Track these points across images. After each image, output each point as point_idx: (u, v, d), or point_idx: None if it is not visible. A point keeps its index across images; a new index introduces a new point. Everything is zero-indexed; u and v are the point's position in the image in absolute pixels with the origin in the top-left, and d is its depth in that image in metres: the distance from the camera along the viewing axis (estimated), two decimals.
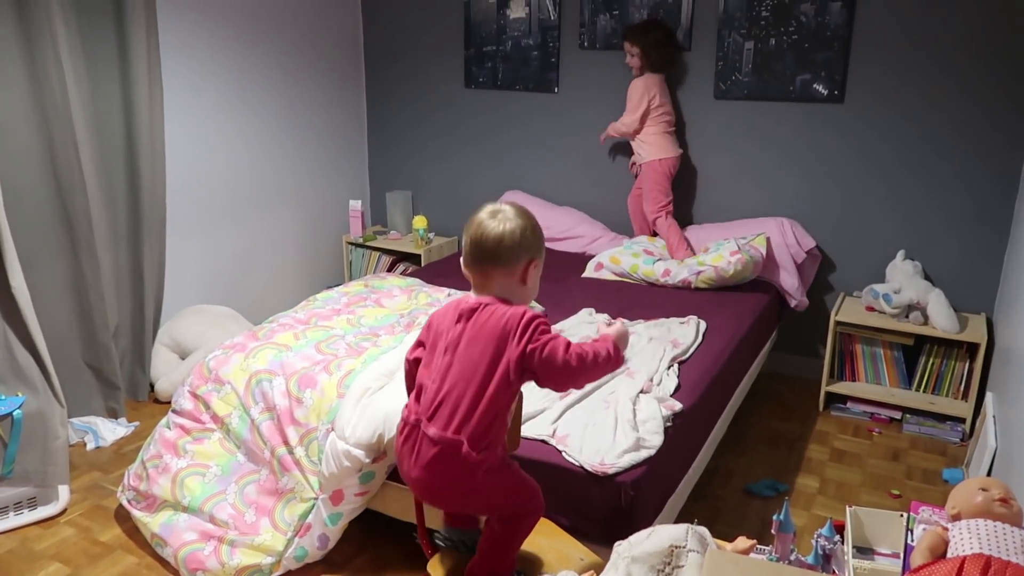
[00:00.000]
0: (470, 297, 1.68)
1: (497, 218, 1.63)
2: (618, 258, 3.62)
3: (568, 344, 1.58)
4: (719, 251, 3.45)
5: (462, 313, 1.64)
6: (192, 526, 2.40)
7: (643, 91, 3.65)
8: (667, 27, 3.72)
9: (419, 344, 1.75)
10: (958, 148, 3.36)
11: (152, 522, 2.45)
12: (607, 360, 1.61)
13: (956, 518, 1.47)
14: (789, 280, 3.58)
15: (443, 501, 1.74)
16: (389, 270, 4.45)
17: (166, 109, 3.48)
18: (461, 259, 1.69)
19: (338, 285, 3.48)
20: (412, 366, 1.77)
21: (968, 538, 1.39)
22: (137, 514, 2.50)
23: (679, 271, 3.47)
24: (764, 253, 3.47)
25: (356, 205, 4.54)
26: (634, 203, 3.91)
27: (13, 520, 2.60)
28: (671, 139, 3.72)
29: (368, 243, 4.52)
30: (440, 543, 1.84)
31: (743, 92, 3.70)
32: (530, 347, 1.56)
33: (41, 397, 2.68)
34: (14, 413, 2.56)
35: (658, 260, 3.58)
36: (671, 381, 2.50)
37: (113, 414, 3.30)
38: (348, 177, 4.76)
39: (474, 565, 1.75)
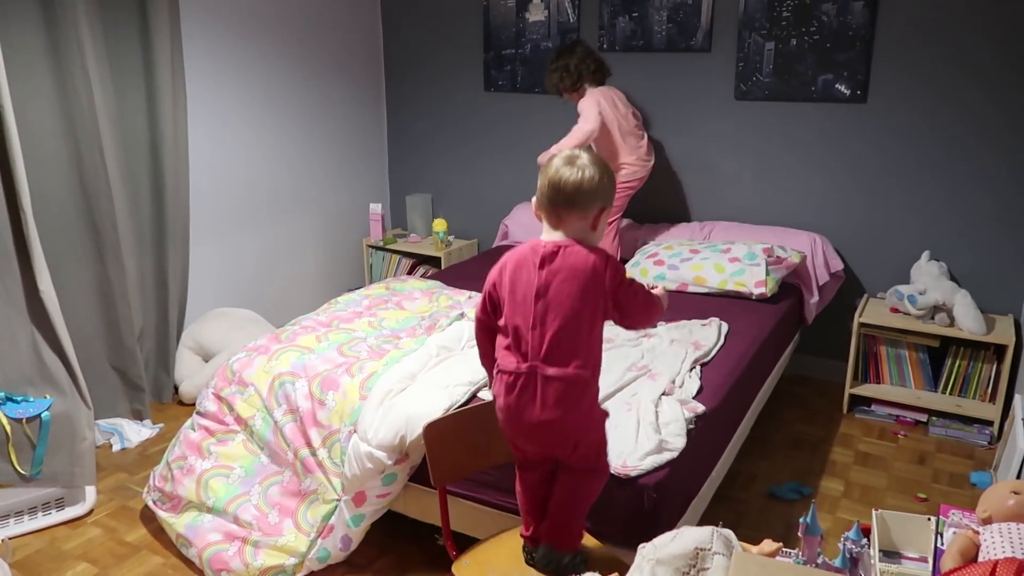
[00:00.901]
0: (543, 242, 1.71)
1: (575, 165, 1.68)
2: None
3: (647, 293, 1.74)
4: (743, 274, 3.30)
5: (544, 258, 1.68)
6: (216, 527, 2.42)
7: (592, 101, 3.52)
8: (580, 46, 3.64)
9: (488, 299, 1.77)
10: (982, 148, 3.32)
11: (177, 523, 2.48)
12: (659, 310, 1.77)
13: (987, 521, 1.45)
14: (809, 294, 3.54)
15: (559, 441, 1.74)
16: (409, 273, 4.47)
17: (190, 117, 3.52)
18: (534, 200, 1.74)
19: (359, 288, 3.50)
20: (483, 324, 1.81)
21: (1000, 541, 1.37)
22: (162, 515, 2.53)
23: (696, 288, 3.40)
24: (794, 265, 3.42)
25: (376, 208, 4.56)
26: None
27: (41, 520, 2.64)
28: (642, 160, 3.64)
29: (388, 246, 4.55)
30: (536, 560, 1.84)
31: (764, 93, 3.68)
32: (620, 288, 1.67)
33: (68, 399, 2.71)
34: (42, 415, 2.60)
35: (670, 269, 3.48)
36: (693, 383, 2.49)
37: (138, 416, 3.34)
38: (368, 181, 4.78)
39: (550, 527, 1.79)
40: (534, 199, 1.75)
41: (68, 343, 2.79)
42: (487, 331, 1.80)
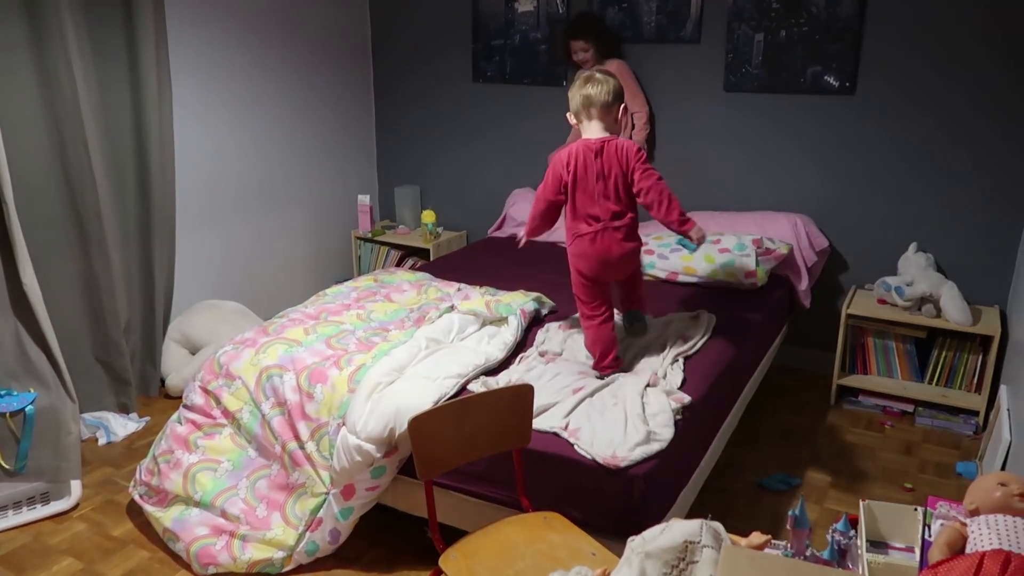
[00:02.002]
0: (590, 140, 2.39)
1: (596, 79, 2.37)
2: None
3: (660, 177, 2.39)
4: (733, 264, 3.31)
5: (596, 151, 2.37)
6: (204, 521, 2.41)
7: (620, 70, 3.68)
8: (597, 17, 3.88)
9: (563, 184, 2.41)
10: (971, 140, 3.33)
11: (164, 517, 2.46)
12: (679, 211, 2.38)
13: (974, 513, 1.46)
14: (798, 281, 3.55)
15: (629, 263, 2.49)
16: (398, 265, 4.45)
17: (175, 108, 3.48)
18: (570, 115, 2.44)
19: (347, 280, 3.48)
20: (552, 203, 2.47)
21: (987, 533, 1.37)
22: (149, 509, 2.51)
23: (686, 277, 3.41)
24: (783, 256, 3.43)
25: (365, 200, 4.53)
26: None
27: (26, 515, 2.61)
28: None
29: (377, 238, 4.52)
30: (625, 322, 2.65)
31: (753, 84, 3.67)
32: (638, 165, 2.36)
33: (53, 393, 2.69)
34: (26, 409, 2.58)
35: (659, 258, 3.48)
36: (676, 375, 2.49)
37: (124, 409, 3.31)
38: (356, 172, 4.75)
39: (638, 301, 2.62)
40: (569, 115, 2.44)
41: (52, 336, 2.76)
42: (553, 208, 2.47)
